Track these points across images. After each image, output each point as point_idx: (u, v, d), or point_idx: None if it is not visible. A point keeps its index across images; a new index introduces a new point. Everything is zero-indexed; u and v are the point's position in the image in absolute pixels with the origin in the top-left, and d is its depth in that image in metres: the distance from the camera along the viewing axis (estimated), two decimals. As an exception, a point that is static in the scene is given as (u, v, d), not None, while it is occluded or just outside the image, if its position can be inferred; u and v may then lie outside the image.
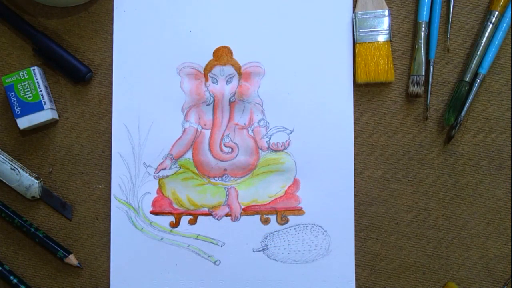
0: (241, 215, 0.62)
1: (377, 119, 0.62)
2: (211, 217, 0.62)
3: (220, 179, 0.63)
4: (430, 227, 0.62)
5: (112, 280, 0.62)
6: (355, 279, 0.61)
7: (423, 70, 0.61)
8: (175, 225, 0.62)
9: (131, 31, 0.63)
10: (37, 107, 0.61)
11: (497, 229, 0.61)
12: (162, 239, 0.62)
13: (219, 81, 0.63)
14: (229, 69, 0.63)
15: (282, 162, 0.62)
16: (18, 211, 0.63)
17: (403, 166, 0.62)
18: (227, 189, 0.62)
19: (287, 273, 0.62)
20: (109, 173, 0.62)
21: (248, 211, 0.62)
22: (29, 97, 0.61)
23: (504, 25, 0.60)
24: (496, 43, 0.60)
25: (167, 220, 0.62)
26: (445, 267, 0.62)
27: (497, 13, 0.60)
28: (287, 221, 0.62)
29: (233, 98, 0.63)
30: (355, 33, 0.61)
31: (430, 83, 0.61)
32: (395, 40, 0.62)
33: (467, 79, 0.60)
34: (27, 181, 0.61)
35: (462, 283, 0.61)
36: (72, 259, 0.62)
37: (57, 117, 0.63)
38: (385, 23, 0.61)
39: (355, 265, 0.61)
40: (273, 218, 0.62)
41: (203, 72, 0.63)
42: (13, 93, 0.61)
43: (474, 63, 0.60)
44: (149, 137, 0.62)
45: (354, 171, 0.62)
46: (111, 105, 0.63)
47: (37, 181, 0.62)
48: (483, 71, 0.60)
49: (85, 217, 0.63)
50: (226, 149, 0.63)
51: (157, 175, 0.62)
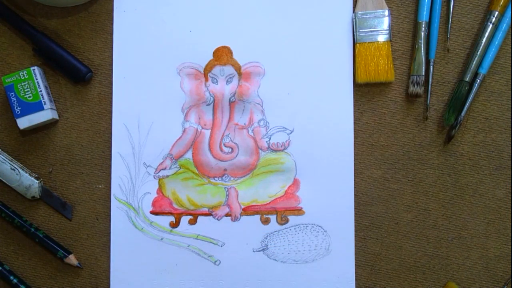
0: (241, 215, 0.62)
1: (377, 119, 0.62)
2: (211, 217, 0.62)
3: (220, 179, 0.62)
4: (430, 227, 0.62)
5: (112, 280, 0.62)
6: (355, 279, 0.61)
7: (423, 70, 0.61)
8: (175, 225, 0.62)
9: (131, 31, 0.63)
10: (37, 107, 0.61)
11: (497, 229, 0.61)
12: (162, 239, 0.62)
13: (219, 81, 0.63)
14: (229, 69, 0.62)
15: (282, 162, 0.62)
16: (18, 211, 0.63)
17: (403, 166, 0.62)
18: (227, 189, 0.62)
19: (287, 273, 0.62)
20: (109, 173, 0.62)
21: (248, 211, 0.62)
22: (29, 97, 0.61)
23: (504, 25, 0.60)
24: (496, 43, 0.60)
25: (167, 220, 0.62)
26: (445, 267, 0.62)
27: (497, 13, 0.60)
28: (287, 221, 0.62)
29: (233, 98, 0.63)
30: (355, 33, 0.61)
31: (430, 83, 0.61)
32: (395, 40, 0.62)
33: (467, 79, 0.60)
34: (27, 181, 0.61)
35: (462, 283, 0.61)
36: (72, 259, 0.62)
37: (57, 117, 0.63)
38: (385, 23, 0.61)
39: (355, 265, 0.61)
40: (273, 218, 0.62)
41: (203, 72, 0.63)
42: (13, 93, 0.61)
43: (474, 63, 0.60)
44: (149, 137, 0.62)
45: (354, 171, 0.62)
46: (111, 105, 0.63)
47: (37, 181, 0.62)
48: (483, 71, 0.60)
49: (85, 217, 0.63)
50: (226, 149, 0.63)
51: (157, 175, 0.62)
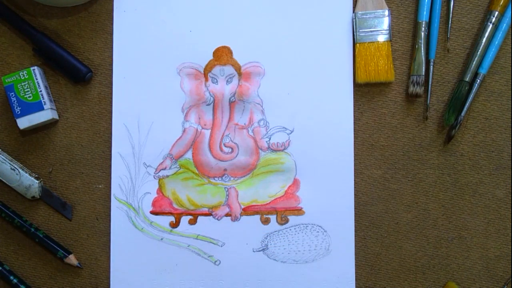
0: (241, 215, 0.62)
1: (377, 119, 0.62)
2: (211, 217, 0.62)
3: (220, 179, 0.62)
4: (430, 227, 0.62)
5: (112, 280, 0.62)
6: (355, 279, 0.61)
7: (423, 70, 0.61)
8: (175, 225, 0.62)
9: (131, 31, 0.63)
10: (37, 107, 0.61)
11: (497, 229, 0.61)
12: (162, 239, 0.62)
13: (219, 81, 0.63)
14: (229, 69, 0.62)
15: (282, 162, 0.62)
16: (18, 211, 0.63)
17: (403, 166, 0.62)
18: (227, 189, 0.62)
19: (287, 273, 0.62)
20: (109, 173, 0.62)
21: (248, 211, 0.62)
22: (29, 97, 0.61)
23: (504, 25, 0.60)
24: (496, 43, 0.60)
25: (167, 220, 0.62)
26: (445, 267, 0.62)
27: (497, 13, 0.60)
28: (287, 221, 0.62)
29: (233, 98, 0.63)
30: (355, 33, 0.61)
31: (430, 83, 0.61)
32: (395, 40, 0.62)
33: (467, 79, 0.60)
34: (27, 181, 0.61)
35: (462, 283, 0.61)
36: (72, 259, 0.62)
37: (57, 117, 0.63)
38: (385, 23, 0.61)
39: (355, 265, 0.61)
40: (273, 218, 0.62)
41: (203, 72, 0.63)
42: (13, 93, 0.61)
43: (474, 63, 0.60)
44: (149, 137, 0.62)
45: (354, 171, 0.62)
46: (111, 105, 0.63)
47: (37, 181, 0.62)
48: (483, 71, 0.60)
49: (85, 217, 0.63)
50: (226, 149, 0.63)
51: (157, 175, 0.62)
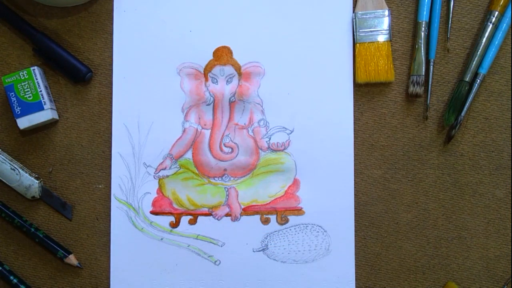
0: (241, 215, 0.62)
1: (377, 119, 0.62)
2: (211, 217, 0.62)
3: (220, 179, 0.62)
4: (430, 227, 0.62)
5: (112, 280, 0.62)
6: (355, 279, 0.61)
7: (423, 70, 0.61)
8: (175, 225, 0.62)
9: (131, 31, 0.63)
10: (37, 107, 0.61)
11: (497, 229, 0.61)
12: (162, 239, 0.62)
13: (219, 81, 0.63)
14: (229, 69, 0.62)
15: (282, 162, 0.62)
16: (18, 211, 0.63)
17: (403, 166, 0.62)
18: (227, 189, 0.62)
19: (287, 273, 0.62)
20: (109, 173, 0.62)
21: (248, 211, 0.62)
22: (29, 97, 0.61)
23: (504, 25, 0.60)
24: (496, 43, 0.60)
25: (167, 220, 0.62)
26: (445, 267, 0.62)
27: (497, 13, 0.60)
28: (287, 221, 0.62)
29: (233, 98, 0.63)
30: (355, 33, 0.61)
31: (430, 83, 0.61)
32: (395, 40, 0.62)
33: (467, 79, 0.60)
34: (27, 181, 0.61)
35: (462, 283, 0.61)
36: (72, 259, 0.62)
37: (57, 117, 0.63)
38: (385, 23, 0.61)
39: (355, 265, 0.61)
40: (273, 218, 0.62)
41: (203, 72, 0.63)
42: (13, 93, 0.61)
43: (474, 63, 0.60)
44: (149, 137, 0.62)
45: (354, 171, 0.62)
46: (111, 105, 0.63)
47: (37, 181, 0.62)
48: (483, 71, 0.60)
49: (85, 217, 0.63)
50: (226, 149, 0.63)
51: (157, 175, 0.62)
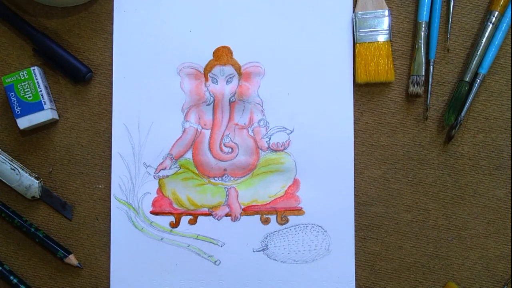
0: (241, 215, 0.62)
1: (377, 119, 0.62)
2: (211, 217, 0.62)
3: (220, 179, 0.62)
4: (430, 227, 0.62)
5: (112, 280, 0.62)
6: (355, 279, 0.61)
7: (423, 70, 0.61)
8: (175, 225, 0.62)
9: (131, 31, 0.63)
10: (37, 107, 0.61)
11: (497, 229, 0.61)
12: (162, 239, 0.62)
13: (219, 81, 0.63)
14: (229, 69, 0.63)
15: (282, 162, 0.62)
16: (18, 211, 0.63)
17: (403, 166, 0.62)
18: (227, 189, 0.62)
19: (287, 273, 0.62)
20: (109, 173, 0.62)
21: (248, 211, 0.62)
22: (29, 97, 0.61)
23: (504, 25, 0.60)
24: (496, 43, 0.60)
25: (167, 220, 0.62)
26: (445, 267, 0.62)
27: (497, 13, 0.60)
28: (287, 221, 0.62)
29: (233, 98, 0.63)
30: (355, 33, 0.61)
31: (430, 83, 0.61)
32: (395, 40, 0.62)
33: (467, 79, 0.60)
34: (27, 181, 0.61)
35: (462, 283, 0.61)
36: (72, 259, 0.62)
37: (57, 117, 0.63)
38: (385, 23, 0.61)
39: (355, 265, 0.61)
40: (273, 218, 0.62)
41: (203, 72, 0.63)
42: (13, 93, 0.61)
43: (474, 63, 0.60)
44: (149, 137, 0.62)
45: (354, 171, 0.62)
46: (111, 105, 0.63)
47: (37, 181, 0.62)
48: (483, 71, 0.60)
49: (85, 217, 0.63)
50: (226, 149, 0.63)
51: (157, 175, 0.62)
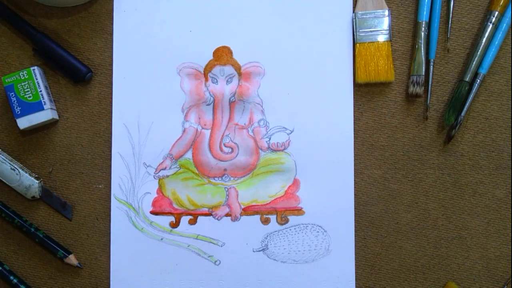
0: (241, 215, 0.62)
1: (377, 119, 0.62)
2: (211, 217, 0.62)
3: (220, 179, 0.62)
4: (430, 227, 0.62)
5: (112, 280, 0.62)
6: (355, 279, 0.61)
7: (423, 70, 0.61)
8: (175, 225, 0.62)
9: (131, 31, 0.63)
10: (37, 107, 0.61)
11: (497, 229, 0.61)
12: (162, 239, 0.62)
13: (219, 81, 0.63)
14: (229, 69, 0.63)
15: (282, 162, 0.62)
16: (18, 211, 0.63)
17: (403, 166, 0.62)
18: (227, 189, 0.62)
19: (287, 273, 0.62)
20: (109, 173, 0.62)
21: (248, 211, 0.62)
22: (29, 97, 0.61)
23: (504, 25, 0.60)
24: (496, 43, 0.60)
25: (167, 220, 0.62)
26: (445, 267, 0.62)
27: (497, 13, 0.60)
28: (287, 221, 0.62)
29: (233, 98, 0.63)
30: (355, 33, 0.61)
31: (430, 83, 0.61)
32: (395, 40, 0.62)
33: (467, 79, 0.60)
34: (27, 181, 0.61)
35: (462, 283, 0.61)
36: (72, 259, 0.62)
37: (57, 117, 0.63)
38: (385, 23, 0.61)
39: (355, 265, 0.61)
40: (273, 218, 0.62)
41: (203, 72, 0.63)
42: (13, 93, 0.61)
43: (474, 63, 0.60)
44: (149, 137, 0.62)
45: (354, 171, 0.62)
46: (111, 105, 0.63)
47: (37, 181, 0.62)
48: (483, 71, 0.60)
49: (85, 217, 0.63)
50: (226, 149, 0.63)
51: (157, 175, 0.62)
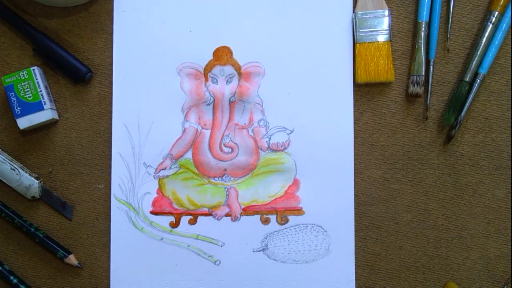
0: (241, 215, 0.62)
1: (377, 119, 0.62)
2: (211, 217, 0.62)
3: (220, 179, 0.62)
4: (430, 227, 0.62)
5: (112, 280, 0.62)
6: (355, 279, 0.61)
7: (423, 70, 0.61)
8: (175, 225, 0.62)
9: (131, 31, 0.63)
10: (37, 107, 0.61)
11: (497, 229, 0.61)
12: (162, 239, 0.62)
13: (219, 81, 0.63)
14: (229, 69, 0.63)
15: (282, 162, 0.62)
16: (18, 211, 0.63)
17: (403, 166, 0.62)
18: (227, 189, 0.62)
19: (287, 273, 0.62)
20: (109, 173, 0.62)
21: (248, 211, 0.62)
22: (29, 97, 0.61)
23: (504, 25, 0.60)
24: (496, 43, 0.60)
25: (167, 220, 0.62)
26: (445, 267, 0.62)
27: (497, 13, 0.60)
28: (287, 221, 0.62)
29: (233, 98, 0.63)
30: (355, 33, 0.61)
31: (430, 83, 0.61)
32: (395, 40, 0.62)
33: (467, 79, 0.60)
34: (27, 181, 0.61)
35: (462, 283, 0.61)
36: (72, 259, 0.62)
37: (57, 117, 0.63)
38: (385, 23, 0.61)
39: (355, 265, 0.61)
40: (273, 218, 0.62)
41: (203, 72, 0.63)
42: (13, 93, 0.61)
43: (474, 63, 0.60)
44: (149, 137, 0.62)
45: (354, 171, 0.62)
46: (111, 105, 0.63)
47: (37, 181, 0.62)
48: (483, 71, 0.60)
49: (85, 217, 0.63)
50: (226, 149, 0.63)
51: (157, 175, 0.62)
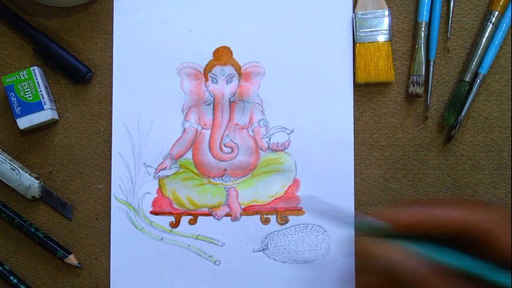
0: (241, 215, 0.62)
1: (377, 119, 0.62)
2: (211, 217, 0.62)
3: (220, 179, 0.62)
4: (430, 227, 0.62)
5: (112, 280, 0.62)
6: (355, 279, 0.61)
7: (423, 70, 0.61)
8: (175, 225, 0.62)
9: (131, 31, 0.63)
10: (37, 107, 0.61)
11: (497, 229, 0.61)
12: (162, 239, 0.62)
13: (219, 81, 0.63)
14: (229, 69, 0.63)
15: (282, 162, 0.62)
16: (18, 211, 0.63)
17: (403, 166, 0.62)
18: (227, 189, 0.62)
19: (287, 273, 0.62)
20: (109, 173, 0.62)
21: (248, 211, 0.62)
22: (29, 97, 0.61)
23: (504, 25, 0.60)
24: (496, 43, 0.60)
25: (167, 220, 0.62)
26: (445, 267, 0.61)
27: (497, 13, 0.60)
28: (287, 221, 0.62)
29: (233, 98, 0.63)
30: (355, 33, 0.61)
31: (430, 83, 0.61)
32: (395, 40, 0.62)
33: (467, 79, 0.60)
34: (27, 181, 0.61)
35: (462, 283, 0.61)
36: (72, 259, 0.62)
37: (57, 117, 0.63)
38: (385, 23, 0.61)
39: (355, 265, 0.61)
40: (273, 218, 0.62)
41: (203, 72, 0.63)
42: (13, 93, 0.61)
43: (474, 63, 0.60)
44: (149, 137, 0.62)
45: (354, 171, 0.62)
46: (111, 105, 0.63)
47: (37, 181, 0.62)
48: (483, 71, 0.60)
49: (85, 217, 0.63)
50: (226, 149, 0.63)
51: (157, 175, 0.62)
